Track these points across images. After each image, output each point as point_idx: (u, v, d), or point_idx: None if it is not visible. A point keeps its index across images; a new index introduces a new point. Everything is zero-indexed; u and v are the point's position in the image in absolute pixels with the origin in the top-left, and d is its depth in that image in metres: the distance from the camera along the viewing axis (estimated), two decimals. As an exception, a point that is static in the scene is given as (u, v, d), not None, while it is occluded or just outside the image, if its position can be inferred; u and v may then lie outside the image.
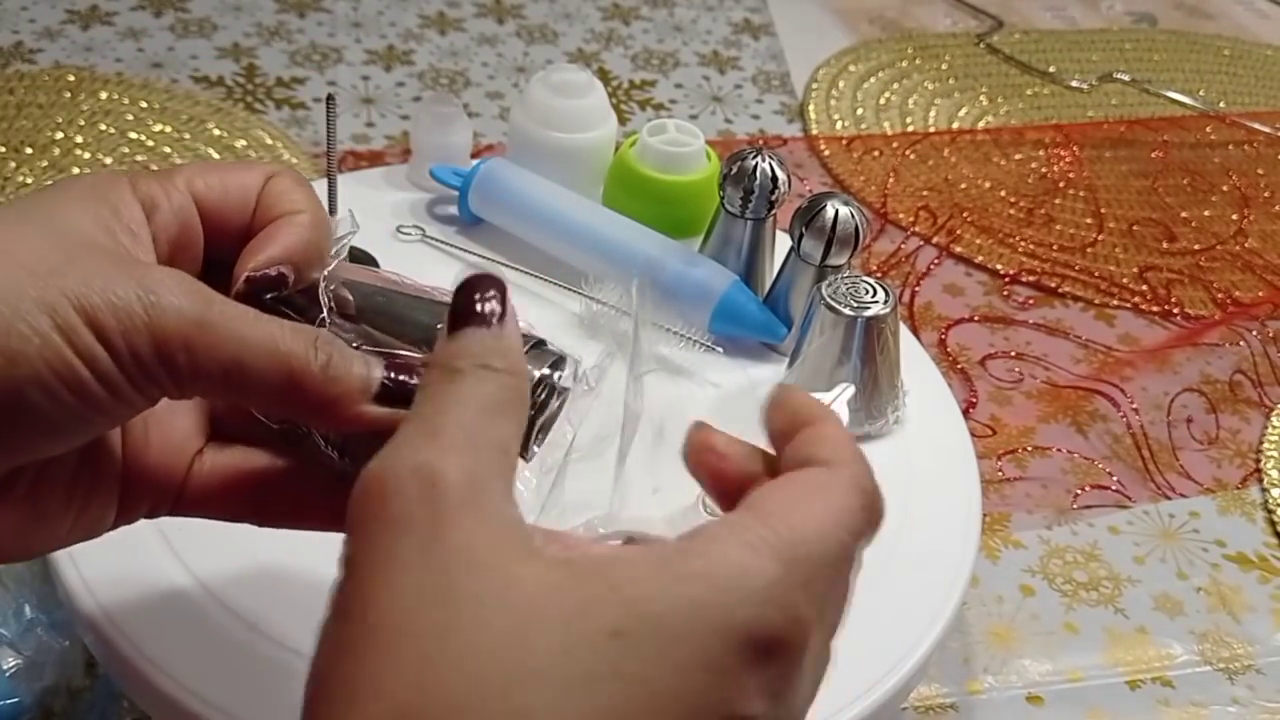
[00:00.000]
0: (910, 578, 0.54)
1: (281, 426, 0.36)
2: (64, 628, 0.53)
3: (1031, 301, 0.86)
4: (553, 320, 0.64)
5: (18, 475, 0.32)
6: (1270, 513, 0.72)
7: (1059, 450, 0.74)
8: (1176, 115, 1.10)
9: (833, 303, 0.58)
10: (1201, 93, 1.13)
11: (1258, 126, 1.09)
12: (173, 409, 0.36)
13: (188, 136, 0.90)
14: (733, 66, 1.10)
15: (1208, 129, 1.08)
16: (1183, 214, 0.97)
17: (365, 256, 0.63)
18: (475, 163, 0.70)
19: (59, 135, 0.87)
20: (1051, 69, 1.14)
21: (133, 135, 0.89)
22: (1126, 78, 1.14)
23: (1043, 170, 1.00)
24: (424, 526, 0.25)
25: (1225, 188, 1.01)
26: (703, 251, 0.66)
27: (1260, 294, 0.90)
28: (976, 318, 0.84)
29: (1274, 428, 0.78)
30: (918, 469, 0.59)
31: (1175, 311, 0.87)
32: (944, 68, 1.12)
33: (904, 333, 0.63)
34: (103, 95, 0.92)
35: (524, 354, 0.31)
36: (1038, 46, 1.18)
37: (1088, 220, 0.95)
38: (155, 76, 0.97)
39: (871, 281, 0.59)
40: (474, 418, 0.28)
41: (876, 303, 0.58)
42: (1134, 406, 0.78)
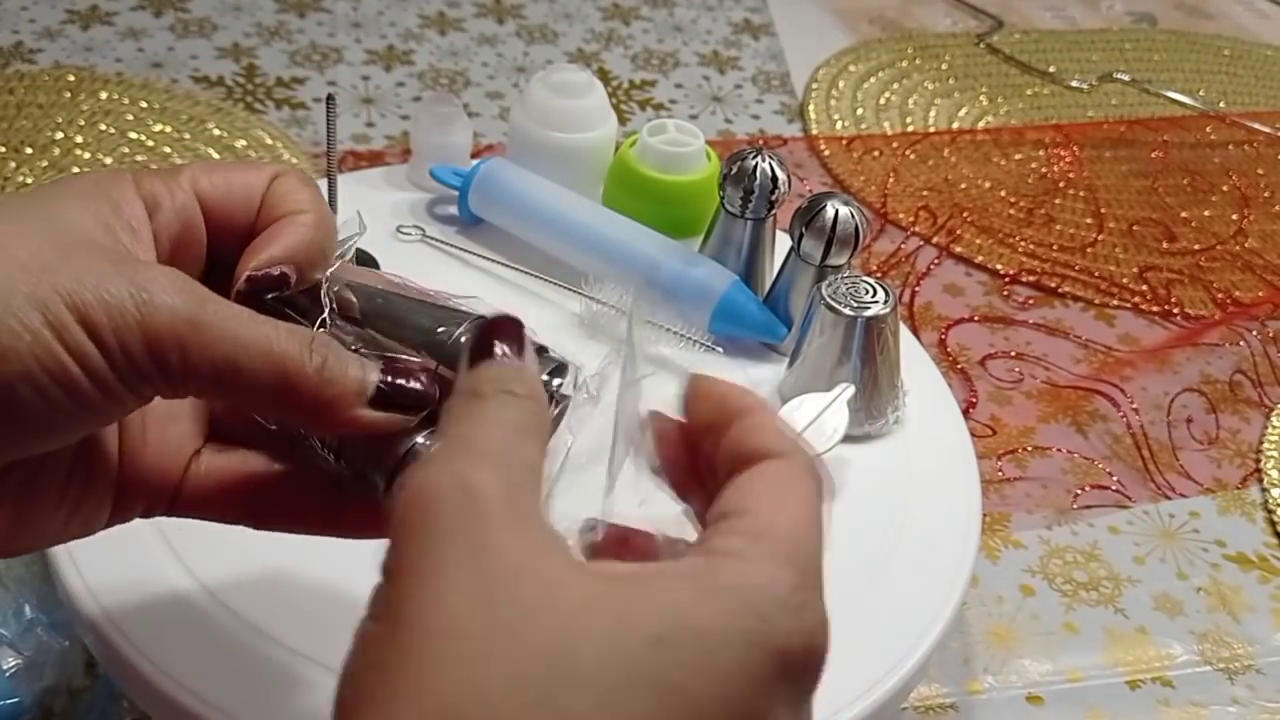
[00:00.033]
0: (910, 578, 0.54)
1: (279, 428, 0.36)
2: (64, 628, 0.53)
3: (1031, 301, 0.86)
4: (553, 320, 0.64)
5: (9, 471, 0.32)
6: (1270, 513, 0.72)
7: (1059, 450, 0.74)
8: (1176, 115, 1.10)
9: (833, 303, 0.58)
10: (1201, 93, 1.13)
11: (1258, 126, 1.09)
12: (171, 410, 0.36)
13: (188, 136, 0.90)
14: (733, 66, 1.10)
15: (1208, 129, 1.08)
16: (1183, 214, 0.97)
17: (366, 257, 0.63)
18: (475, 163, 0.70)
19: (59, 135, 0.87)
20: (1051, 69, 1.14)
21: (133, 135, 0.89)
22: (1126, 78, 1.14)
23: (1043, 170, 1.00)
24: (468, 536, 0.26)
25: (1225, 188, 1.01)
26: (703, 251, 0.66)
27: (1260, 294, 0.90)
28: (976, 318, 0.84)
29: (1274, 428, 0.78)
30: (918, 469, 0.59)
31: (1175, 311, 0.87)
32: (944, 68, 1.12)
33: (904, 333, 0.63)
34: (103, 95, 0.92)
35: (539, 379, 0.31)
36: (1038, 46, 1.18)
37: (1088, 220, 0.95)
38: (155, 76, 0.97)
39: (871, 281, 0.59)
40: (504, 436, 0.29)
41: (876, 303, 0.58)
42: (1134, 406, 0.78)
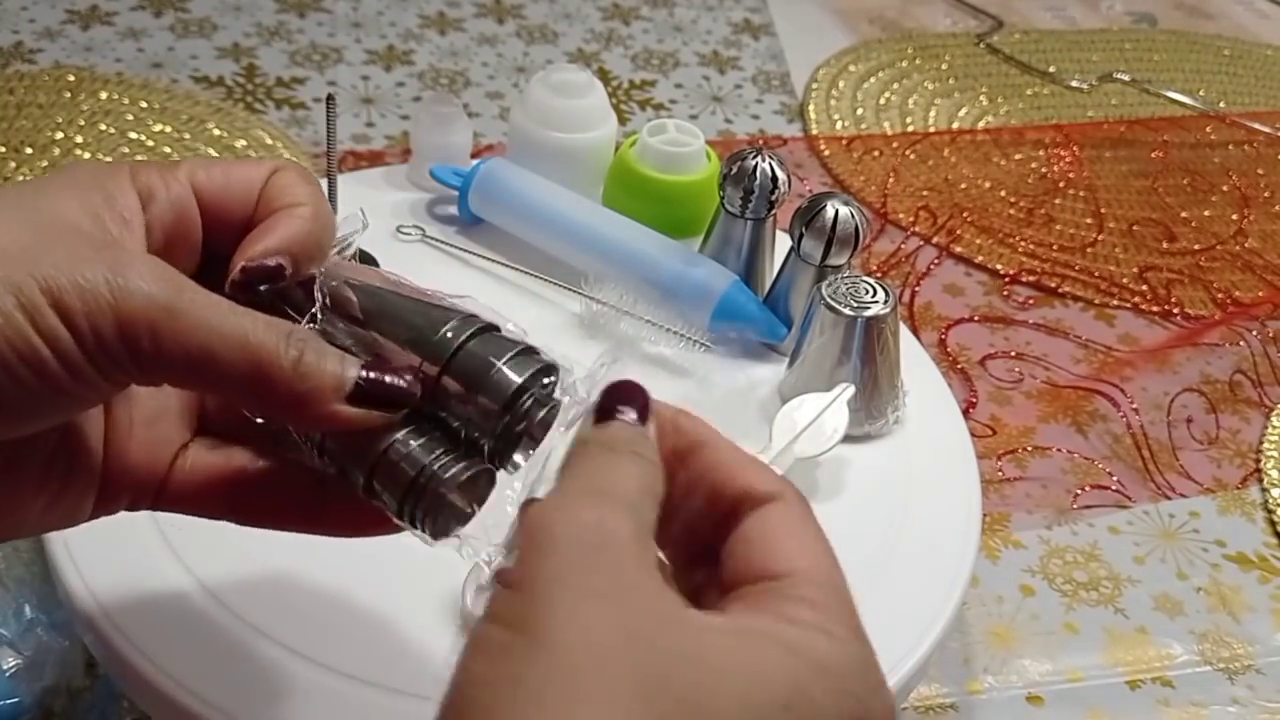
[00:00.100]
0: (910, 578, 0.54)
1: (264, 425, 0.35)
2: (64, 628, 0.53)
3: (1031, 301, 0.86)
4: (553, 320, 0.64)
5: None
6: (1270, 513, 0.72)
7: (1059, 450, 0.74)
8: (1176, 115, 1.10)
9: (833, 303, 0.58)
10: (1201, 93, 1.13)
11: (1258, 126, 1.09)
12: (159, 404, 0.36)
13: (188, 136, 0.90)
14: (733, 66, 1.10)
15: (1208, 129, 1.08)
16: (1183, 214, 0.97)
17: (366, 257, 0.63)
18: (475, 163, 0.70)
19: (59, 135, 0.87)
20: (1051, 69, 1.14)
21: (133, 135, 0.89)
22: (1126, 78, 1.14)
23: (1043, 170, 1.00)
24: (608, 572, 0.27)
25: (1225, 188, 1.01)
26: (703, 251, 0.66)
27: (1260, 294, 0.90)
28: (976, 318, 0.84)
29: (1274, 428, 0.78)
30: (918, 469, 0.59)
31: (1175, 311, 0.87)
32: (944, 68, 1.12)
33: (904, 333, 0.63)
34: (103, 95, 0.92)
35: (512, 361, 0.32)
36: (1038, 46, 1.18)
37: (1088, 220, 0.95)
38: (155, 76, 0.97)
39: (871, 281, 0.59)
40: (636, 492, 0.30)
41: (876, 303, 0.58)
42: (1134, 406, 0.78)
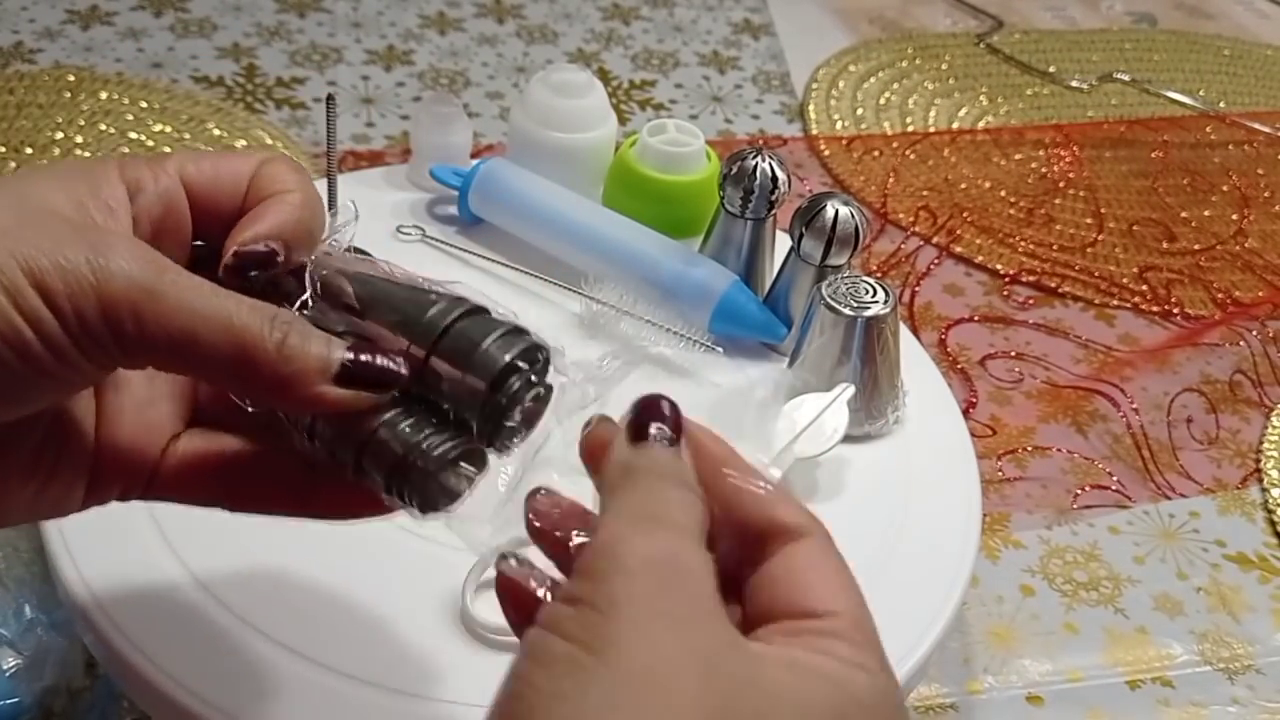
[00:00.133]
0: (910, 578, 0.54)
1: (255, 410, 0.35)
2: (64, 628, 0.53)
3: (1031, 301, 0.86)
4: (553, 320, 0.64)
5: None
6: (1270, 513, 0.72)
7: (1059, 450, 0.74)
8: (1176, 115, 1.10)
9: (833, 303, 0.58)
10: (1201, 93, 1.13)
11: (1258, 126, 1.09)
12: (152, 392, 0.36)
13: (188, 136, 0.90)
14: (733, 66, 1.10)
15: (1208, 129, 1.08)
16: (1183, 214, 0.97)
17: (359, 253, 0.63)
18: (475, 163, 0.70)
19: (59, 135, 0.87)
20: (1051, 69, 1.14)
21: (133, 135, 0.89)
22: (1126, 78, 1.14)
23: (1043, 170, 1.00)
24: (684, 600, 0.28)
25: (1225, 188, 1.01)
26: (703, 251, 0.66)
27: (1260, 294, 0.90)
28: (976, 318, 0.84)
29: (1274, 428, 0.78)
30: (918, 469, 0.59)
31: (1175, 311, 0.87)
32: (944, 68, 1.12)
33: (904, 333, 0.63)
34: (103, 95, 0.92)
35: (499, 340, 0.32)
36: (1038, 46, 1.18)
37: (1088, 220, 0.95)
38: (155, 76, 0.97)
39: (871, 281, 0.59)
40: (693, 521, 0.30)
41: (876, 303, 0.58)
42: (1134, 406, 0.78)
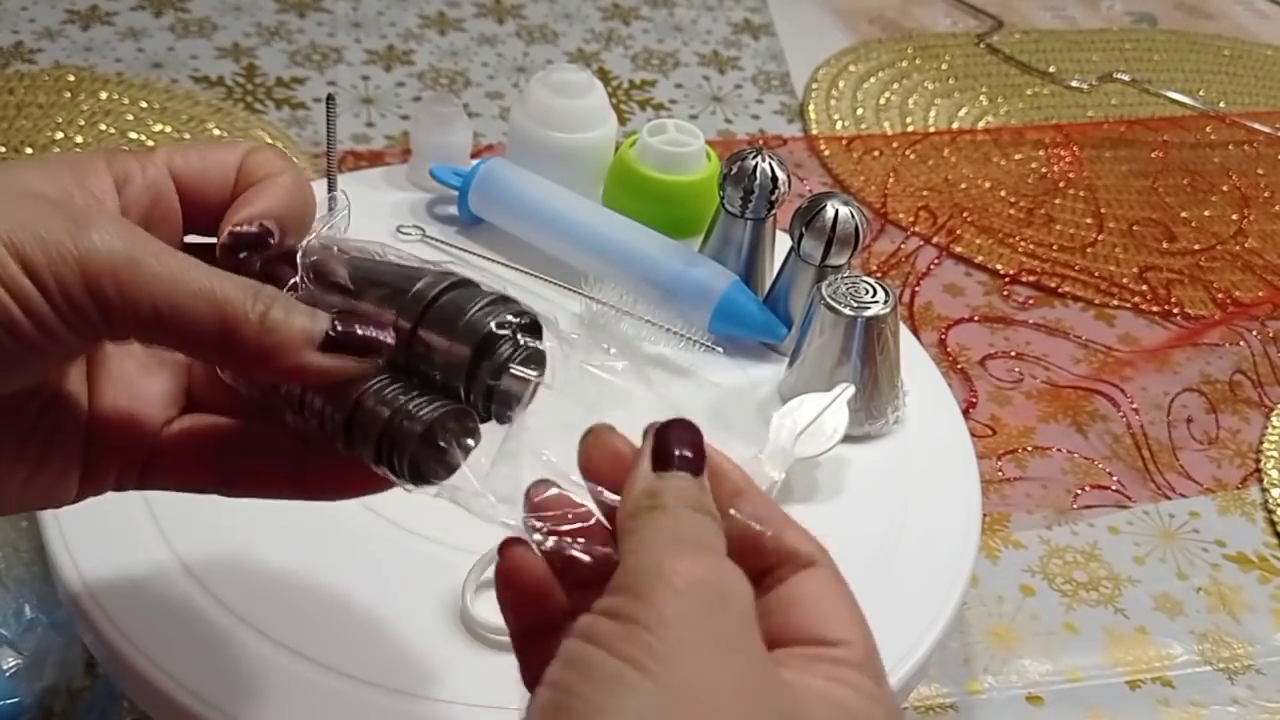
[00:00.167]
0: (910, 578, 0.54)
1: (248, 391, 0.36)
2: (64, 628, 0.53)
3: (1031, 301, 0.86)
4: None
5: None
6: (1270, 513, 0.72)
7: (1059, 450, 0.74)
8: (1176, 115, 1.10)
9: (833, 303, 0.58)
10: (1201, 93, 1.13)
11: (1258, 126, 1.09)
12: (145, 375, 0.36)
13: (188, 136, 0.90)
14: (733, 66, 1.10)
15: (1208, 129, 1.08)
16: (1183, 214, 0.97)
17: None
18: (475, 163, 0.70)
19: (59, 135, 0.87)
20: (1051, 69, 1.14)
21: (133, 135, 0.89)
22: (1126, 78, 1.14)
23: (1043, 170, 1.00)
24: (733, 625, 0.29)
25: (1225, 188, 1.01)
26: (703, 251, 0.66)
27: (1260, 294, 0.90)
28: (976, 318, 0.84)
29: (1274, 428, 0.78)
30: (918, 469, 0.59)
31: (1175, 311, 0.87)
32: (944, 68, 1.12)
33: (904, 333, 0.63)
34: (103, 95, 0.92)
35: (485, 308, 0.33)
36: (1038, 46, 1.18)
37: (1088, 220, 0.95)
38: (155, 76, 0.97)
39: (871, 281, 0.59)
40: (722, 546, 0.31)
41: (876, 303, 0.58)
42: (1134, 406, 0.78)
